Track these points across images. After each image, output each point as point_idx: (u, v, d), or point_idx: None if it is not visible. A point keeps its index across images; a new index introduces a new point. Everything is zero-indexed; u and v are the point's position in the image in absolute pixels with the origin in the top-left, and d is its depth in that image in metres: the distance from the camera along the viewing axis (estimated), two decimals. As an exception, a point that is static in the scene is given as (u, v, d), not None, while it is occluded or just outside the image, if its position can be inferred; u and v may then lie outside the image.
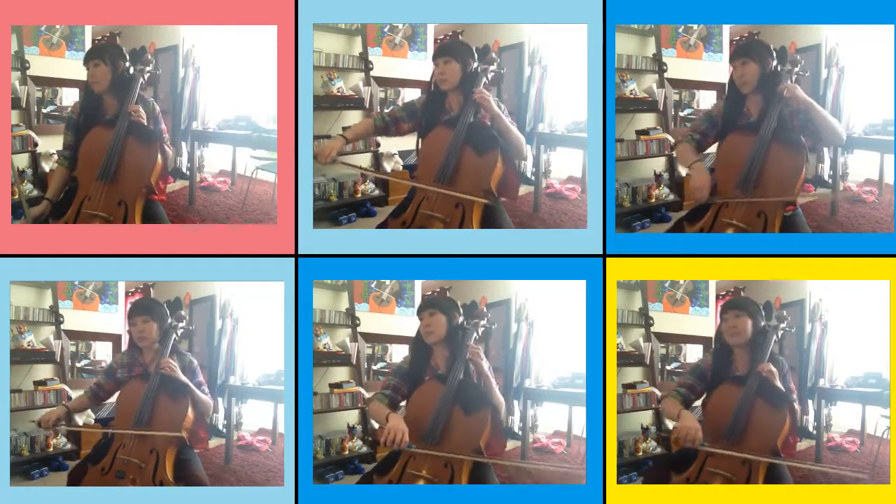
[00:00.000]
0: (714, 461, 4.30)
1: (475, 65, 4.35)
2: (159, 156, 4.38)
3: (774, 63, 4.28)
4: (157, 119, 4.38)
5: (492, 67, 4.35)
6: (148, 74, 4.37)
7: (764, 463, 4.26)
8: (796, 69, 4.27)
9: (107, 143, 4.40)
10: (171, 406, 4.38)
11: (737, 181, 4.33)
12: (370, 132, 4.42)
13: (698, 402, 4.33)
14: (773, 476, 4.25)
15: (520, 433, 4.37)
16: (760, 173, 4.32)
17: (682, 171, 4.41)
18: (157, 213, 4.38)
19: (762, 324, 4.29)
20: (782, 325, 4.30)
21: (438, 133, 4.42)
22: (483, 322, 4.32)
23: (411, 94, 4.44)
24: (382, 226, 4.39)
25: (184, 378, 4.36)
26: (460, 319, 4.32)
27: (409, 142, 4.46)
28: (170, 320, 4.38)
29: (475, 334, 4.32)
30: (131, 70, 4.36)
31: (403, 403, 4.36)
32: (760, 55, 4.28)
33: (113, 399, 4.42)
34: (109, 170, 4.39)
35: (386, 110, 4.42)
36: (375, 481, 4.32)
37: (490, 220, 4.36)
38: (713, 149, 4.38)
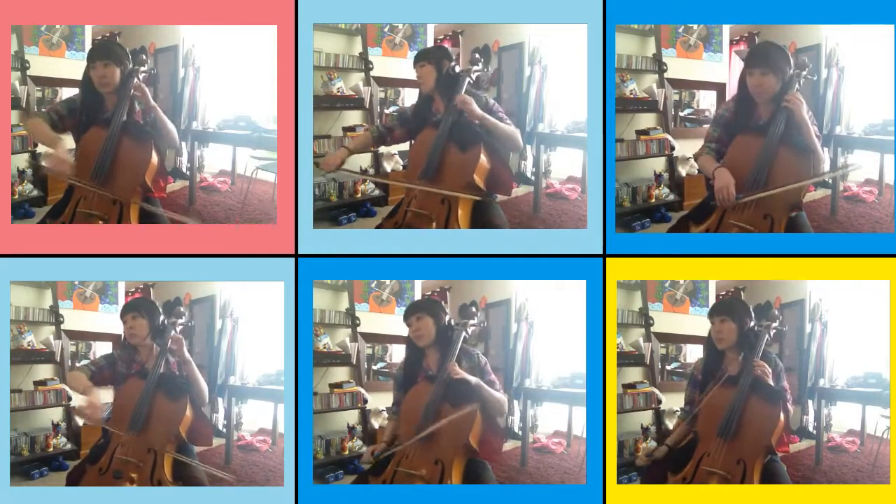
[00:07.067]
0: (709, 460, 4.30)
1: (451, 64, 4.34)
2: (154, 154, 4.38)
3: (791, 72, 4.25)
4: (151, 115, 4.37)
5: (476, 68, 4.35)
6: (143, 75, 4.37)
7: (759, 461, 4.26)
8: (804, 73, 4.27)
9: (101, 142, 4.40)
10: (169, 405, 4.38)
11: (745, 183, 4.31)
12: (369, 144, 4.43)
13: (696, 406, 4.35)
14: (770, 474, 4.24)
15: (520, 433, 4.37)
16: (768, 176, 4.31)
17: (682, 171, 4.41)
18: (156, 211, 4.38)
19: (749, 325, 4.28)
20: (774, 325, 4.28)
21: (426, 133, 4.42)
22: (473, 322, 4.32)
23: (411, 95, 4.44)
24: (379, 228, 4.38)
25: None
26: (447, 318, 4.32)
27: (408, 143, 4.47)
28: (162, 318, 4.38)
29: (465, 333, 4.32)
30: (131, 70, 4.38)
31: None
32: (779, 67, 4.24)
33: (110, 398, 4.43)
34: (103, 169, 4.39)
35: (380, 121, 4.43)
36: (371, 481, 4.32)
37: (480, 215, 4.35)
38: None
